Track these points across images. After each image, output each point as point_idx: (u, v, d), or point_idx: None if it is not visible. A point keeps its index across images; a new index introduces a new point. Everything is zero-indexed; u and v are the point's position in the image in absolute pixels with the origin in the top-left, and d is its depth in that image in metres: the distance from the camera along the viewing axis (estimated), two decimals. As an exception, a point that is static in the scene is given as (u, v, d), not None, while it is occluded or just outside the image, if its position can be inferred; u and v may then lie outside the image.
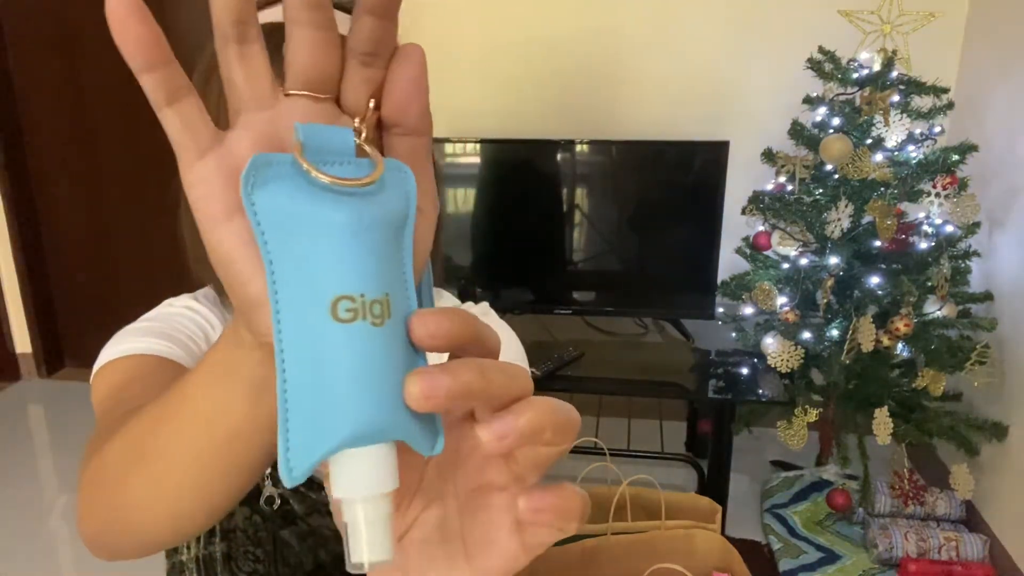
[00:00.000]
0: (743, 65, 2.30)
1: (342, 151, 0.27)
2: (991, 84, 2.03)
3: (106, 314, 3.02)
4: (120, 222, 2.91)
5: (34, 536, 2.10)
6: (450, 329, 0.27)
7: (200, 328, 0.70)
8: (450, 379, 0.25)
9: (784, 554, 1.93)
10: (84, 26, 2.70)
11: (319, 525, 0.75)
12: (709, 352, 2.11)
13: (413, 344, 0.27)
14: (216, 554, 0.75)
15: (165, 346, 0.64)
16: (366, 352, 0.25)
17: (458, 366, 0.26)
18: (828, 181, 1.90)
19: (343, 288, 0.25)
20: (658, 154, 2.13)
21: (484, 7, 2.39)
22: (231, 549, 0.75)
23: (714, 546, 1.06)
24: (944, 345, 1.84)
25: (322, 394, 0.25)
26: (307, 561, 0.76)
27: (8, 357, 3.02)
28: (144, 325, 0.69)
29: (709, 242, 2.05)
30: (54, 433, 2.71)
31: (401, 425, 0.26)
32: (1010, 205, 1.91)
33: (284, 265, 0.26)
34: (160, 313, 0.72)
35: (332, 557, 0.76)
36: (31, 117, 2.85)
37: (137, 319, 0.71)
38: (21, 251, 2.91)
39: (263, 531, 0.74)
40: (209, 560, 0.76)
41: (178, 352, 0.65)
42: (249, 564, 0.75)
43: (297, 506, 0.74)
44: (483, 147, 2.17)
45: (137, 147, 2.79)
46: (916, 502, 1.95)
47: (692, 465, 2.15)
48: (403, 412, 0.26)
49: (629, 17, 2.32)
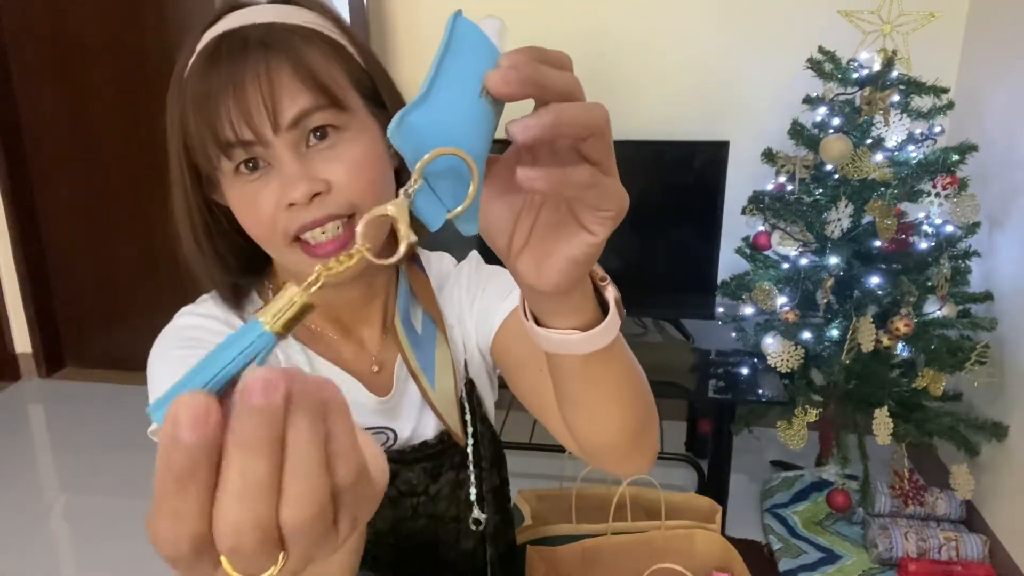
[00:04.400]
0: (743, 65, 2.30)
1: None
2: (991, 84, 2.03)
3: (106, 314, 3.02)
4: (120, 222, 2.91)
5: (34, 536, 2.10)
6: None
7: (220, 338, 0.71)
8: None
9: (784, 554, 1.93)
10: (84, 27, 2.70)
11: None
12: (709, 352, 2.11)
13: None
14: None
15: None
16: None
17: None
18: (828, 181, 1.90)
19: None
20: (658, 154, 2.13)
21: (483, 8, 2.39)
22: None
23: (714, 546, 1.06)
24: (944, 345, 1.84)
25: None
26: (365, 530, 0.76)
27: (8, 357, 3.02)
28: (184, 355, 0.68)
29: (709, 242, 2.05)
30: (54, 433, 2.71)
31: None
32: (1010, 205, 1.91)
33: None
34: (190, 337, 0.71)
35: (387, 523, 0.77)
36: (31, 117, 2.85)
37: (170, 332, 0.71)
38: (21, 251, 2.92)
39: None
40: None
41: None
42: None
43: None
44: (483, 147, 2.17)
45: (137, 147, 2.79)
46: (916, 502, 1.95)
47: (692, 465, 2.15)
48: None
49: (629, 17, 2.32)
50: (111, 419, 2.66)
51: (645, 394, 0.61)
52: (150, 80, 2.70)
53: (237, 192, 0.63)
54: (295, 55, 0.60)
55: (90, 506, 2.23)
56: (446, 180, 0.36)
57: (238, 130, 0.59)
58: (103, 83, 2.74)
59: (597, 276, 0.50)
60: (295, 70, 0.59)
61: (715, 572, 1.03)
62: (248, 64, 0.59)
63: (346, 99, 0.62)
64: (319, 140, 0.61)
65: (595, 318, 0.49)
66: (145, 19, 2.66)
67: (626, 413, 0.58)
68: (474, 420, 0.79)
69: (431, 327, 0.76)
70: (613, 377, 0.54)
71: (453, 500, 0.80)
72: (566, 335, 0.48)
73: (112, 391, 2.89)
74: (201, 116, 0.60)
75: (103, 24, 2.68)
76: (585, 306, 0.48)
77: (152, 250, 2.88)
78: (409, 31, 2.42)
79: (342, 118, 0.62)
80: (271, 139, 0.60)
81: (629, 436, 0.60)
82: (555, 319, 0.48)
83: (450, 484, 0.79)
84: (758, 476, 2.29)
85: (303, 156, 0.61)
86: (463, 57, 0.36)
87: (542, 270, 0.43)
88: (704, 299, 2.09)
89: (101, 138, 2.82)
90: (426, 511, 0.79)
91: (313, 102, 0.60)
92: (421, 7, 2.41)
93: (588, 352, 0.49)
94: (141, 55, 2.69)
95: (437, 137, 0.34)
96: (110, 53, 2.71)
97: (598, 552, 1.04)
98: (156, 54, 2.68)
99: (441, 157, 0.34)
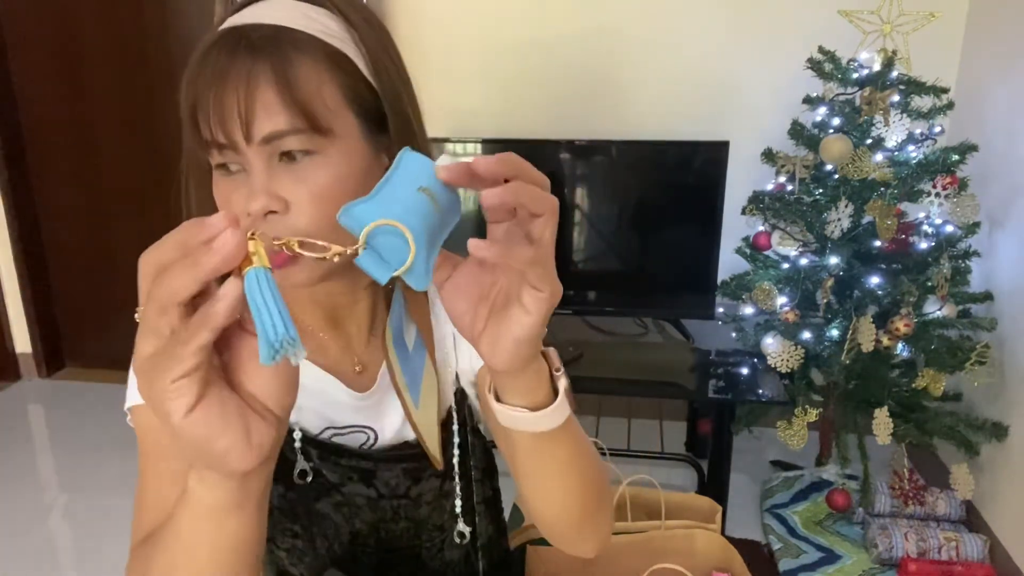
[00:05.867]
0: (743, 65, 2.30)
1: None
2: (991, 84, 2.03)
3: (106, 314, 3.02)
4: (120, 223, 2.91)
5: (34, 536, 2.10)
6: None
7: None
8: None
9: (784, 554, 1.93)
10: (84, 27, 2.70)
11: (352, 493, 0.75)
12: (709, 352, 2.11)
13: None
14: None
15: None
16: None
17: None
18: (828, 181, 1.90)
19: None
20: (658, 154, 2.13)
21: (484, 7, 2.39)
22: (268, 529, 0.75)
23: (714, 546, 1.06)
24: (944, 345, 1.84)
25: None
26: (343, 530, 0.76)
27: (8, 357, 3.02)
28: None
29: (709, 242, 2.05)
30: (54, 433, 2.71)
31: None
32: (1010, 205, 1.91)
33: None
34: None
35: (367, 525, 0.77)
36: (31, 118, 2.85)
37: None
38: (21, 251, 2.92)
39: (298, 506, 0.74)
40: None
41: None
42: (287, 540, 0.75)
43: (330, 475, 0.74)
44: (483, 147, 2.17)
45: (137, 148, 2.79)
46: (916, 502, 1.95)
47: (692, 465, 2.15)
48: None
49: (629, 17, 2.32)
50: (111, 419, 2.66)
51: (594, 481, 0.65)
52: (150, 80, 2.70)
53: (216, 187, 0.63)
54: (283, 69, 0.58)
55: (90, 506, 2.23)
56: (394, 248, 0.44)
57: (214, 132, 0.59)
58: (103, 83, 2.74)
59: (553, 366, 0.56)
60: (278, 85, 0.57)
61: (715, 572, 1.03)
62: (232, 69, 0.57)
63: (329, 122, 0.60)
64: (291, 160, 0.60)
65: (546, 401, 0.55)
66: (145, 19, 2.66)
67: (570, 496, 0.64)
68: (463, 431, 0.78)
69: (421, 348, 0.75)
70: (560, 459, 0.61)
71: (437, 508, 0.79)
72: (517, 412, 0.54)
73: (112, 391, 2.89)
74: (187, 109, 0.60)
75: (103, 24, 2.68)
76: (538, 389, 0.54)
77: (152, 250, 2.88)
78: (410, 31, 2.42)
79: (319, 142, 0.59)
80: (243, 148, 0.59)
81: (574, 517, 0.66)
82: (511, 396, 0.55)
83: (434, 492, 0.78)
84: (758, 476, 2.29)
85: (271, 169, 0.59)
86: (408, 171, 0.45)
87: (495, 350, 0.50)
88: (704, 299, 2.09)
89: (101, 138, 2.82)
90: (407, 514, 0.78)
91: (289, 124, 0.58)
92: (422, 7, 2.41)
93: (536, 431, 0.56)
94: (141, 55, 2.69)
95: (377, 219, 0.44)
96: (110, 53, 2.71)
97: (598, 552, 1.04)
98: (156, 54, 2.68)
99: (392, 232, 0.43)
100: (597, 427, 2.21)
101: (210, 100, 0.58)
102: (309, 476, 0.73)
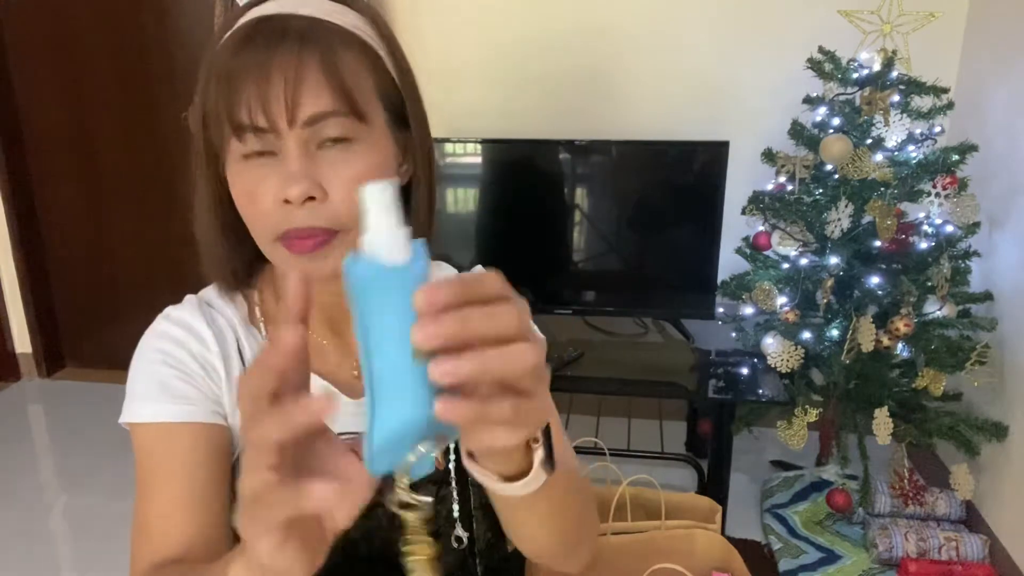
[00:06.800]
0: (743, 65, 2.30)
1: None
2: (991, 84, 2.03)
3: (106, 315, 3.02)
4: (120, 223, 2.91)
5: (34, 536, 2.10)
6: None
7: (189, 353, 0.72)
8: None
9: (784, 554, 1.93)
10: (84, 28, 2.70)
11: None
12: (709, 352, 2.11)
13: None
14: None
15: (177, 409, 0.69)
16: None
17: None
18: (828, 181, 1.90)
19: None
20: (658, 154, 2.13)
21: (484, 7, 2.39)
22: None
23: (714, 546, 1.06)
24: (944, 345, 1.84)
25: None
26: (337, 539, 0.75)
27: (8, 357, 3.02)
28: (155, 371, 0.71)
29: (709, 242, 2.05)
30: (54, 433, 2.71)
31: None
32: (1010, 205, 1.91)
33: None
34: (162, 353, 0.72)
35: (361, 532, 0.76)
36: (31, 118, 2.85)
37: (147, 343, 0.73)
38: (21, 251, 2.92)
39: None
40: None
41: (185, 409, 0.69)
42: None
43: None
44: (483, 147, 2.17)
45: (137, 148, 2.79)
46: (916, 502, 1.95)
47: (692, 465, 2.15)
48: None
49: (629, 17, 2.32)
50: (111, 419, 2.65)
51: (580, 514, 0.63)
52: (150, 80, 2.70)
53: (240, 176, 0.62)
54: (329, 55, 0.59)
55: (90, 506, 2.23)
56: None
57: (254, 115, 0.59)
58: (103, 83, 2.74)
59: (530, 437, 0.49)
60: (325, 70, 0.59)
61: (715, 572, 1.03)
62: (279, 53, 0.58)
63: (368, 111, 0.62)
64: (330, 146, 0.61)
65: (522, 470, 0.49)
66: (145, 19, 2.66)
67: (553, 537, 0.61)
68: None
69: None
70: (540, 513, 0.57)
71: (432, 514, 0.79)
72: (489, 479, 0.49)
73: (112, 391, 2.89)
74: (222, 94, 0.59)
75: (103, 24, 2.68)
76: (512, 459, 0.49)
77: (152, 250, 2.88)
78: (410, 30, 2.42)
79: (358, 130, 0.61)
80: (284, 131, 0.59)
81: (557, 552, 0.64)
82: (485, 461, 0.49)
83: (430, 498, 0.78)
84: (758, 476, 2.29)
85: (310, 156, 0.60)
86: (379, 311, 0.37)
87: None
88: (704, 299, 2.09)
89: (101, 138, 2.82)
90: (401, 522, 0.78)
91: (334, 106, 0.59)
92: (422, 7, 2.41)
93: (511, 496, 0.51)
94: (141, 55, 2.69)
95: (403, 439, 0.38)
96: (110, 53, 2.71)
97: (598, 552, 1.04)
98: (156, 54, 2.68)
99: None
100: (597, 427, 2.21)
101: (252, 84, 0.58)
102: None
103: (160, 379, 0.70)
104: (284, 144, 0.60)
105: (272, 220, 0.62)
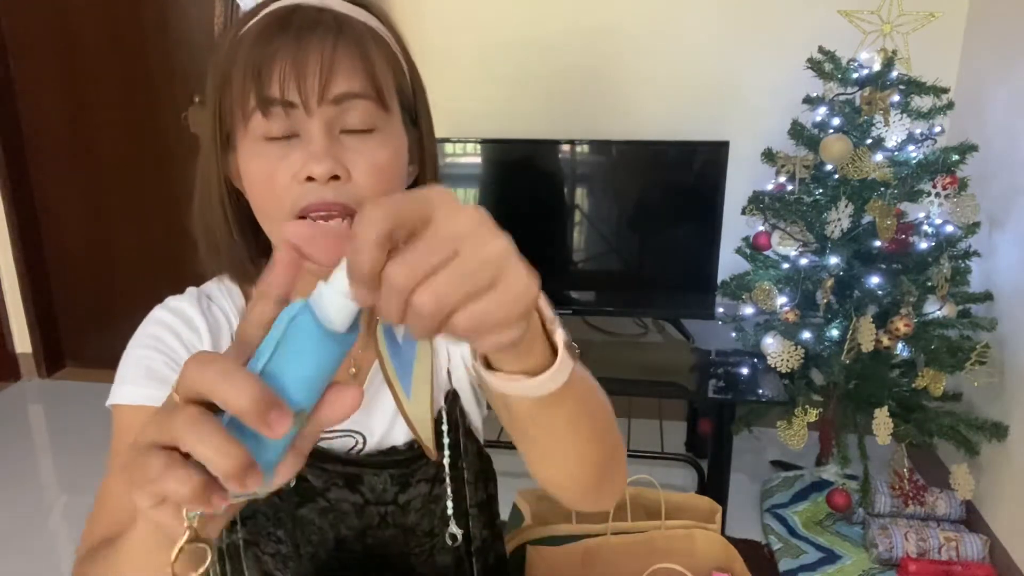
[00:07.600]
0: (743, 65, 2.30)
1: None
2: (991, 84, 2.03)
3: (106, 314, 3.02)
4: (120, 223, 2.91)
5: (34, 536, 2.10)
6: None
7: (179, 341, 0.73)
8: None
9: (784, 554, 1.93)
10: (84, 29, 2.70)
11: (337, 499, 0.75)
12: (709, 352, 2.11)
13: None
14: (238, 541, 0.75)
15: (159, 394, 0.70)
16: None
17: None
18: (828, 181, 1.90)
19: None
20: (658, 154, 2.13)
21: (484, 7, 2.39)
22: (253, 534, 0.75)
23: (714, 546, 1.06)
24: (944, 345, 1.84)
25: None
26: (329, 537, 0.75)
27: (8, 357, 3.02)
28: (144, 356, 0.73)
29: (709, 242, 2.05)
30: (54, 433, 2.71)
31: None
32: (1010, 205, 1.91)
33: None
34: (151, 334, 0.74)
35: (353, 531, 0.76)
36: (32, 118, 2.85)
37: (143, 326, 0.76)
38: (21, 251, 2.92)
39: (283, 511, 0.73)
40: (232, 548, 0.76)
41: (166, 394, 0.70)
42: (272, 546, 0.75)
43: (314, 481, 0.73)
44: (483, 147, 2.17)
45: (137, 147, 2.79)
46: (916, 502, 1.95)
47: (692, 465, 2.15)
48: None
49: (629, 17, 2.32)
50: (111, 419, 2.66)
51: (607, 427, 0.59)
52: (150, 80, 2.70)
53: (258, 157, 0.62)
54: (362, 43, 0.62)
55: (90, 506, 2.23)
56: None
57: (285, 89, 0.60)
58: (103, 83, 2.74)
59: (546, 318, 0.47)
60: (360, 55, 0.62)
61: (715, 572, 1.03)
62: (316, 36, 0.60)
63: (391, 102, 0.64)
64: (352, 135, 0.62)
65: (545, 361, 0.46)
66: (145, 19, 2.66)
67: (582, 457, 0.57)
68: (454, 433, 0.77)
69: (412, 340, 0.74)
70: (567, 420, 0.53)
71: (426, 513, 0.78)
72: (512, 381, 0.46)
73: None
74: (252, 70, 0.60)
75: (103, 24, 2.68)
76: (533, 350, 0.46)
77: (152, 250, 2.88)
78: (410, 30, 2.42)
79: (381, 119, 0.63)
80: (313, 108, 0.60)
81: (589, 477, 0.59)
82: (503, 363, 0.46)
83: (422, 497, 0.77)
84: (758, 476, 2.29)
85: (334, 138, 0.62)
86: (297, 357, 0.38)
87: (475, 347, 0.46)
88: (704, 299, 2.09)
89: (101, 138, 2.82)
90: (395, 521, 0.77)
91: (364, 88, 0.62)
92: (422, 7, 2.41)
93: (538, 396, 0.48)
94: (141, 55, 2.69)
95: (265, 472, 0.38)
96: (110, 53, 2.71)
97: (598, 552, 1.04)
98: (156, 54, 2.68)
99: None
100: (597, 427, 2.21)
101: (287, 62, 0.60)
102: (292, 481, 0.72)
103: (148, 364, 0.71)
104: (309, 125, 0.61)
105: (291, 196, 0.61)
